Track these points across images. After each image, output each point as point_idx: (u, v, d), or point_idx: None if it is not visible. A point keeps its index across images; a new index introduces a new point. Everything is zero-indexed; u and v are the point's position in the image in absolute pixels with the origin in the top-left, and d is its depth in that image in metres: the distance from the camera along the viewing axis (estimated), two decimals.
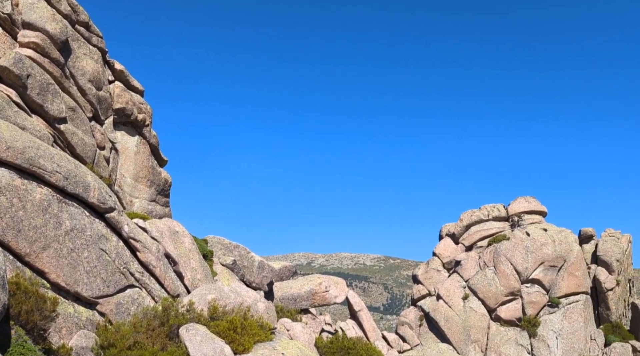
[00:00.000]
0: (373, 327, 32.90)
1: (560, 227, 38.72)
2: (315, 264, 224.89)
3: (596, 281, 38.03)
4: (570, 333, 35.14)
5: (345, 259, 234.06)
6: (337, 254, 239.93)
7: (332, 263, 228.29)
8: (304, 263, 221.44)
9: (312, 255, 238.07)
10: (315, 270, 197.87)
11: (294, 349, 19.78)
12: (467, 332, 35.15)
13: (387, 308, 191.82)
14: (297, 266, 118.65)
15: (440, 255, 40.38)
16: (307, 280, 32.15)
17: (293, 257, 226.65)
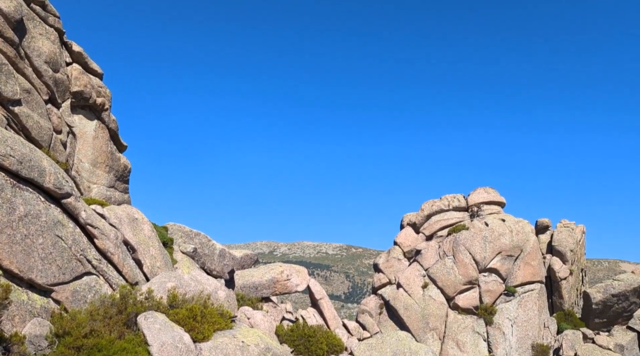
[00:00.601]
0: (334, 315, 33.13)
1: (517, 217, 39.59)
2: (277, 253, 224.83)
3: (551, 270, 39.08)
4: (525, 321, 36.07)
5: (307, 248, 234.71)
6: (299, 243, 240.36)
7: (295, 251, 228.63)
8: (266, 252, 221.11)
9: (275, 244, 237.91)
10: (278, 258, 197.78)
11: (254, 337, 19.74)
12: (426, 320, 35.73)
13: (349, 296, 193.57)
14: (259, 254, 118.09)
15: (401, 244, 40.83)
16: (269, 269, 32.11)
17: (255, 245, 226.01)
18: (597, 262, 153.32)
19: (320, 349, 27.57)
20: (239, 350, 18.35)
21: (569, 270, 39.03)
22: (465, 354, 34.53)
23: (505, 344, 35.02)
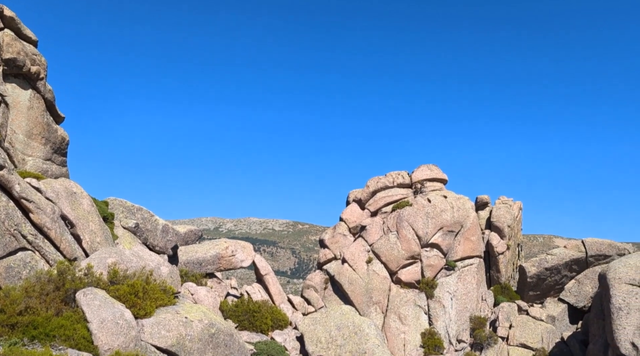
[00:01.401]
0: (279, 291, 33.25)
1: (459, 194, 40.58)
2: (223, 229, 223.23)
3: (489, 245, 40.40)
4: (464, 294, 37.26)
5: (254, 224, 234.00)
6: (245, 219, 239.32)
7: (241, 228, 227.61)
8: (212, 228, 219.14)
9: (220, 220, 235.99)
10: (223, 235, 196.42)
11: (197, 313, 19.58)
12: (370, 294, 36.35)
13: (295, 272, 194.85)
14: (204, 231, 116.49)
15: (347, 220, 41.18)
16: (213, 244, 31.81)
17: (200, 221, 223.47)
18: (532, 237, 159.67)
19: (265, 324, 27.71)
20: (182, 326, 18.16)
21: (506, 245, 40.42)
22: (406, 327, 35.42)
23: (445, 317, 36.11)
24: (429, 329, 35.65)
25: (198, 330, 18.54)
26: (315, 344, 24.54)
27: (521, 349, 34.69)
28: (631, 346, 25.89)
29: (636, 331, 25.96)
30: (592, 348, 30.57)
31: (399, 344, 34.82)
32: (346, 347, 23.59)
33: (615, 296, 27.28)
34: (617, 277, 27.84)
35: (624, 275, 27.72)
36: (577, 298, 37.38)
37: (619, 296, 27.20)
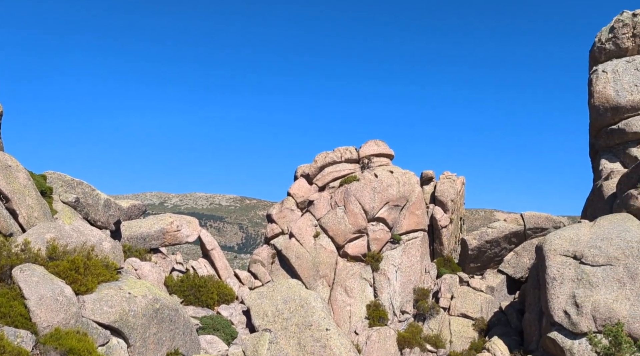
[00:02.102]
0: (225, 265, 33.09)
1: (404, 169, 41.22)
2: (168, 204, 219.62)
3: (433, 219, 41.34)
4: (408, 266, 38.14)
5: (200, 199, 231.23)
6: (191, 194, 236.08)
7: (187, 203, 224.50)
8: (157, 203, 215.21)
9: (165, 195, 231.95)
10: (169, 210, 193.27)
11: (141, 288, 19.28)
12: (317, 268, 36.70)
13: (242, 247, 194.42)
14: (148, 206, 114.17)
15: (295, 195, 41.21)
16: (158, 219, 31.24)
17: (145, 196, 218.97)
18: (474, 211, 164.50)
19: (211, 299, 27.58)
20: (126, 302, 17.85)
21: (450, 219, 41.47)
22: (352, 299, 36.02)
23: (389, 289, 36.91)
24: (374, 301, 36.38)
25: (142, 306, 18.27)
26: (261, 318, 24.64)
27: (462, 319, 35.92)
28: (564, 314, 27.18)
29: (569, 299, 27.24)
30: (527, 317, 31.96)
31: (344, 316, 35.42)
32: (292, 320, 23.80)
33: (550, 267, 28.48)
34: (552, 249, 29.03)
35: (558, 247, 28.92)
36: (515, 270, 38.88)
37: (553, 267, 28.41)
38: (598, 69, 37.80)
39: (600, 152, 38.33)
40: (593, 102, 37.19)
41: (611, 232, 28.36)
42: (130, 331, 17.63)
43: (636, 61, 36.99)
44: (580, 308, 26.68)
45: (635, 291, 26.19)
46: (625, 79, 36.28)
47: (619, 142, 36.62)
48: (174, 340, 19.62)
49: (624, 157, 36.20)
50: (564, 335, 27.10)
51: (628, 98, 35.72)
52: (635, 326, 25.35)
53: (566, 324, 27.05)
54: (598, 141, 38.37)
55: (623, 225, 28.75)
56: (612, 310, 25.96)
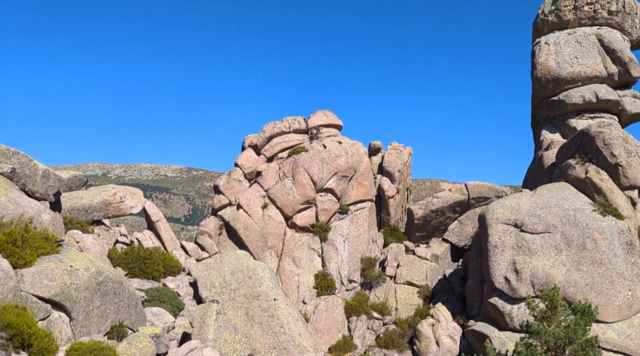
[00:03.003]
0: (171, 237, 32.56)
1: (353, 140, 41.34)
2: (111, 175, 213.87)
3: (380, 189, 41.80)
4: (356, 236, 38.57)
5: (145, 170, 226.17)
6: (136, 165, 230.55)
7: (131, 174, 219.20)
8: (99, 174, 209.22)
9: (109, 166, 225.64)
10: (112, 181, 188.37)
11: (83, 261, 18.73)
12: (265, 239, 36.61)
13: (189, 219, 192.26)
14: (90, 177, 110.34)
15: (242, 166, 40.72)
16: (100, 191, 30.28)
17: (87, 167, 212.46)
18: (421, 181, 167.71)
19: (157, 271, 27.14)
20: (67, 275, 17.30)
21: (397, 189, 42.03)
22: (300, 269, 36.22)
23: (337, 258, 37.29)
24: (322, 271, 36.71)
25: (84, 279, 17.76)
26: (209, 289, 24.43)
27: (407, 286, 36.77)
28: (504, 280, 28.20)
29: (509, 266, 28.25)
30: (470, 283, 33.01)
31: (292, 286, 35.63)
32: (240, 291, 23.70)
33: (492, 235, 29.39)
34: (494, 218, 29.91)
35: (500, 216, 29.82)
36: (459, 238, 39.96)
37: (495, 235, 29.33)
38: (541, 41, 38.67)
39: (542, 123, 39.50)
40: (535, 74, 38.12)
41: (550, 201, 29.42)
42: (73, 305, 17.15)
43: (577, 33, 38.02)
44: (520, 274, 27.73)
45: (571, 257, 27.40)
46: (566, 51, 37.27)
47: (559, 113, 37.80)
48: (119, 313, 19.23)
49: (564, 128, 37.44)
50: (504, 300, 28.18)
51: (568, 70, 36.77)
52: (570, 291, 26.59)
53: (506, 290, 28.09)
54: (539, 112, 39.50)
55: (561, 194, 29.85)
56: (549, 276, 27.10)
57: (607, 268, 26.76)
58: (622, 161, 28.93)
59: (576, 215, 28.12)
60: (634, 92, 37.13)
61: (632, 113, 36.53)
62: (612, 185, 29.10)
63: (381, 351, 32.36)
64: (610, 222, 27.66)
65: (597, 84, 36.66)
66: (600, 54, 36.91)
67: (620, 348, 25.80)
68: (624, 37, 38.18)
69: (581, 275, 26.84)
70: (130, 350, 16.87)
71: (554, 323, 18.17)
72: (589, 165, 30.18)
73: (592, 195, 29.40)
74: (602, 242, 27.15)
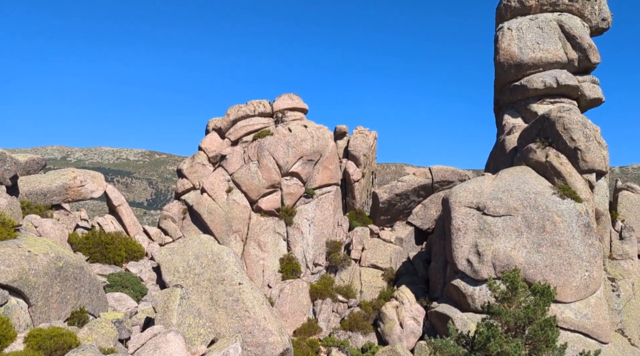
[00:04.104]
0: (134, 222, 31.98)
1: (318, 123, 41.22)
2: (71, 159, 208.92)
3: (346, 173, 41.89)
4: (321, 220, 38.64)
5: (106, 154, 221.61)
6: (97, 148, 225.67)
7: (92, 157, 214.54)
8: (58, 158, 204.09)
9: (68, 149, 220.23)
10: (72, 165, 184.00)
11: (42, 246, 18.22)
12: (229, 223, 36.33)
13: (152, 203, 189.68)
14: (49, 160, 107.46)
15: (206, 150, 40.23)
16: (60, 174, 29.46)
17: (45, 150, 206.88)
18: (386, 165, 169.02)
19: (119, 256, 26.66)
20: (25, 260, 16.80)
21: (362, 173, 42.19)
22: (266, 253, 36.13)
23: (303, 242, 37.32)
24: (287, 255, 36.71)
25: (44, 264, 17.28)
26: (172, 274, 24.14)
27: (372, 269, 37.10)
28: (466, 262, 28.71)
29: (471, 249, 28.76)
30: (433, 266, 33.51)
31: (257, 270, 35.54)
32: (204, 275, 23.50)
33: (455, 218, 29.82)
34: (457, 201, 30.33)
35: (463, 199, 30.26)
36: (423, 221, 40.45)
37: (458, 218, 29.77)
38: (504, 26, 39.09)
39: (504, 107, 40.10)
40: (498, 59, 38.58)
41: (511, 184, 29.98)
42: (31, 291, 16.68)
43: (539, 19, 38.54)
44: (482, 257, 28.26)
45: (531, 239, 28.04)
46: (528, 36, 37.79)
47: (521, 98, 38.41)
48: (80, 299, 18.82)
49: (525, 113, 38.09)
50: (467, 282, 28.72)
51: (530, 55, 37.32)
52: (530, 272, 27.25)
53: (468, 272, 28.62)
54: (502, 97, 40.06)
55: (522, 178, 30.44)
56: (510, 258, 27.71)
57: (565, 249, 27.49)
58: (581, 145, 29.63)
59: (536, 198, 28.73)
60: (593, 78, 37.96)
61: (591, 99, 37.36)
62: (571, 169, 29.81)
63: (346, 334, 32.66)
64: (569, 205, 28.37)
65: (558, 69, 37.34)
66: (561, 39, 37.54)
67: (577, 327, 26.64)
68: (583, 24, 38.90)
69: (541, 257, 27.51)
70: (92, 335, 16.56)
71: (515, 303, 18.58)
72: (549, 149, 30.82)
73: (552, 179, 30.06)
74: (561, 224, 27.85)
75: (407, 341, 30.76)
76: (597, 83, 38.00)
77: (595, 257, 27.72)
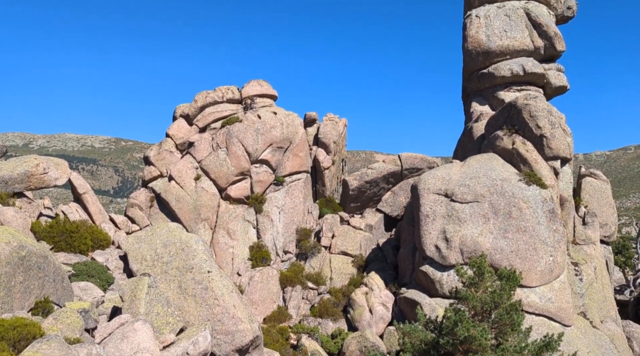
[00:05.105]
0: (99, 210, 31.40)
1: (288, 110, 40.97)
2: (34, 145, 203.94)
3: (316, 161, 41.81)
4: (291, 207, 38.56)
5: (70, 140, 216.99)
6: (60, 135, 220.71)
7: (55, 144, 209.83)
8: (20, 145, 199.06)
9: (30, 136, 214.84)
10: (35, 152, 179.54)
11: (4, 235, 17.73)
12: (198, 211, 35.98)
13: (118, 191, 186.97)
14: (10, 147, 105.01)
15: (174, 137, 39.66)
16: (22, 161, 28.65)
17: (6, 137, 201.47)
18: (356, 153, 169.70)
19: (84, 244, 26.16)
20: None
21: (332, 160, 42.19)
22: (235, 241, 35.93)
23: (272, 230, 37.22)
24: (257, 242, 36.57)
25: (5, 253, 16.81)
26: (140, 262, 23.79)
27: (342, 256, 37.24)
28: (435, 249, 29.04)
29: (439, 235, 29.08)
30: (402, 252, 33.82)
31: (227, 258, 35.33)
32: (173, 264, 23.21)
33: (424, 205, 30.09)
34: (426, 188, 30.59)
35: (431, 186, 30.53)
36: (392, 208, 40.73)
37: (427, 204, 30.04)
38: (472, 14, 39.31)
39: (472, 95, 40.46)
40: (466, 46, 38.83)
41: (479, 171, 30.35)
42: None
43: (506, 7, 38.87)
44: (450, 243, 28.61)
45: (498, 225, 28.49)
46: (496, 24, 38.09)
47: (489, 85, 38.80)
48: (44, 288, 18.39)
49: (493, 100, 38.52)
50: (435, 268, 29.06)
51: (498, 43, 37.65)
52: (496, 258, 27.71)
53: (437, 258, 28.95)
54: (470, 84, 40.41)
55: (489, 165, 30.85)
56: (477, 243, 28.11)
57: (531, 235, 28.01)
58: (547, 132, 30.13)
59: (503, 185, 29.15)
60: (558, 66, 38.55)
61: (556, 86, 37.95)
62: (537, 156, 30.31)
63: (315, 320, 32.77)
64: (535, 191, 28.88)
65: (525, 57, 37.79)
66: (527, 27, 37.96)
67: (541, 310, 27.24)
68: (549, 12, 39.37)
69: (507, 243, 27.98)
70: (57, 325, 16.22)
71: (481, 288, 18.88)
72: (515, 136, 31.26)
73: (518, 166, 30.53)
74: (527, 210, 28.34)
75: (376, 327, 31.04)
76: (562, 71, 38.61)
77: (560, 242, 28.32)
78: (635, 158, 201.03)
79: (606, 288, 32.15)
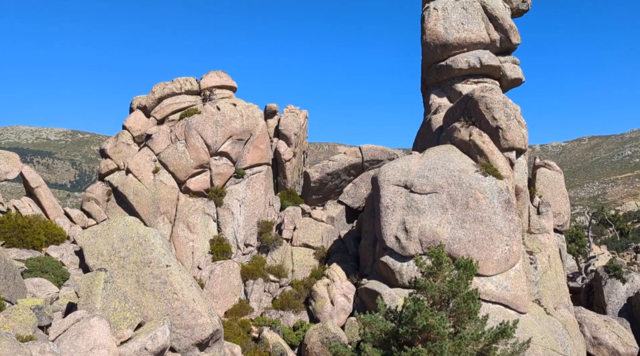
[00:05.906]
0: (54, 204, 30.59)
1: (248, 102, 40.61)
2: None
3: (277, 153, 41.65)
4: (252, 200, 38.33)
5: (24, 133, 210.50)
6: (13, 127, 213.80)
7: (8, 137, 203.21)
8: None
9: None
10: None
11: None
12: (157, 205, 35.42)
13: (75, 185, 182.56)
14: None
15: (131, 129, 38.90)
16: None
17: None
18: (319, 145, 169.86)
19: (38, 240, 25.47)
20: None
21: (293, 153, 42.10)
22: (195, 235, 35.53)
23: (233, 223, 36.94)
24: (218, 236, 36.24)
25: None
26: (96, 257, 23.26)
27: (303, 249, 37.28)
28: (395, 239, 29.34)
29: (399, 226, 29.38)
30: (363, 243, 34.06)
31: (187, 252, 34.92)
32: (130, 258, 22.78)
33: (384, 197, 30.34)
34: (386, 179, 30.84)
35: (391, 177, 30.79)
36: (354, 200, 40.95)
37: (387, 196, 30.30)
38: (430, 6, 39.66)
39: (430, 87, 40.91)
40: (425, 39, 39.17)
41: (437, 163, 30.75)
42: None
43: (463, 0, 39.37)
44: (409, 233, 28.95)
45: (456, 216, 28.96)
46: (453, 16, 38.53)
47: (447, 77, 39.29)
48: None
49: (451, 92, 39.03)
50: (395, 259, 29.38)
51: (455, 35, 38.11)
52: (454, 247, 28.18)
53: (397, 248, 29.27)
54: (428, 77, 40.83)
55: (447, 156, 31.28)
56: (435, 234, 28.52)
57: (487, 225, 28.57)
58: (502, 124, 30.72)
59: (461, 176, 29.62)
60: (514, 58, 39.32)
61: (511, 79, 38.70)
62: (493, 147, 30.90)
63: (277, 313, 32.76)
64: (491, 182, 29.44)
65: (481, 49, 38.39)
66: (484, 20, 38.55)
67: (497, 299, 27.86)
68: (505, 5, 40.04)
69: (464, 233, 28.48)
70: (9, 323, 15.78)
71: (440, 278, 19.20)
72: (472, 128, 31.78)
73: (475, 157, 31.05)
74: (484, 200, 28.88)
75: (337, 318, 31.23)
76: (517, 63, 39.38)
77: (515, 231, 28.97)
78: (589, 149, 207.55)
79: (559, 275, 33.09)
